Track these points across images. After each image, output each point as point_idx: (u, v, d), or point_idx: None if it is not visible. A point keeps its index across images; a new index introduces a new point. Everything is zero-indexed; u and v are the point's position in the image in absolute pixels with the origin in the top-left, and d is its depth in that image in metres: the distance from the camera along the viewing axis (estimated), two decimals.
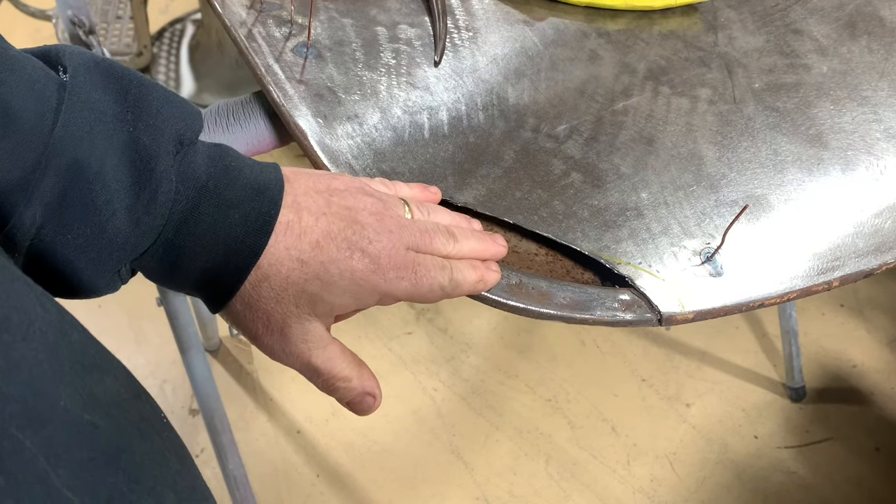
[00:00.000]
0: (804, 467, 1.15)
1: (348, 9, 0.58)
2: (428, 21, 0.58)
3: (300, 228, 0.39)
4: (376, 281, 0.40)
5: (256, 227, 0.38)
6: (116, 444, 0.29)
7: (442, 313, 1.30)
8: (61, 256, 0.35)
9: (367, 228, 0.40)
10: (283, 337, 0.39)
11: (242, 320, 0.40)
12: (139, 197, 0.35)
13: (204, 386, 0.90)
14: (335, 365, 0.40)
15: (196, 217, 0.37)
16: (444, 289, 0.42)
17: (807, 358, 1.27)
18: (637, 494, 1.11)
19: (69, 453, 0.26)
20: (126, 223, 0.35)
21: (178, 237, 0.37)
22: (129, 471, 0.29)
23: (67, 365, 0.28)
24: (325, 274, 0.39)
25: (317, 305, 0.39)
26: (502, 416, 1.18)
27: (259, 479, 1.09)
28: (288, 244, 0.38)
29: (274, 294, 0.38)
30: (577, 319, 0.45)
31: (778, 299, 0.47)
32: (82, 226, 0.34)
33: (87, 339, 0.31)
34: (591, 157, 0.51)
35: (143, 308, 1.25)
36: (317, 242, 0.39)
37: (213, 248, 0.38)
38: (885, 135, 0.55)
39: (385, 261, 0.40)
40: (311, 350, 0.40)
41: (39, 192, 0.33)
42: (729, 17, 0.62)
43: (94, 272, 0.36)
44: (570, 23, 0.60)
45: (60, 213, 0.34)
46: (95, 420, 0.28)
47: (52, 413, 0.26)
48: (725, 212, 0.49)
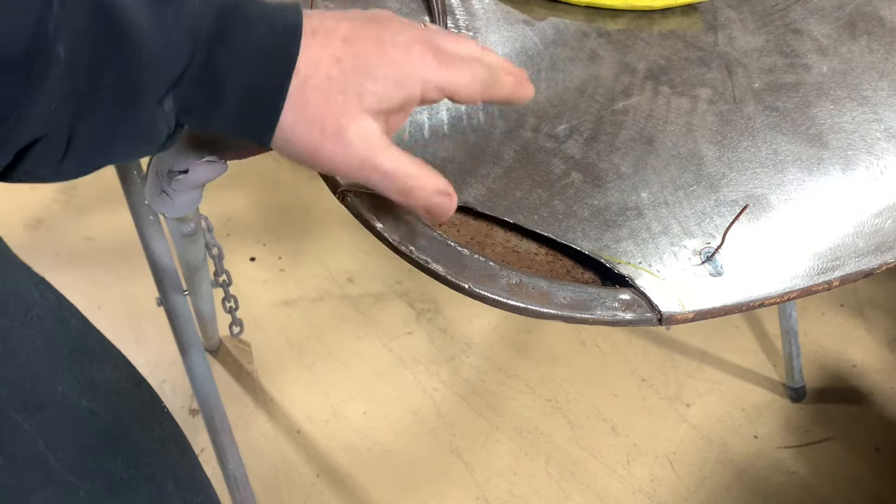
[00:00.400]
0: (804, 467, 1.15)
1: (348, 9, 0.58)
2: (428, 21, 0.58)
3: (326, 30, 0.39)
4: (413, 65, 0.40)
5: (286, 34, 0.38)
6: (115, 430, 0.29)
7: (442, 313, 1.30)
8: (107, 97, 0.34)
9: (390, 24, 0.41)
10: (343, 140, 0.38)
11: (298, 135, 0.39)
12: (164, 13, 0.34)
13: (204, 386, 0.90)
14: (401, 161, 0.40)
15: (225, 33, 0.37)
16: (485, 80, 0.42)
17: (807, 358, 1.27)
18: (637, 494, 1.11)
19: (68, 437, 0.26)
20: (158, 41, 0.34)
21: (211, 56, 0.37)
22: (128, 457, 0.29)
23: (66, 351, 0.28)
24: (362, 65, 0.39)
25: (364, 97, 0.39)
26: (502, 416, 1.18)
27: (259, 479, 1.09)
28: (320, 43, 0.38)
29: (321, 94, 0.38)
30: (578, 319, 0.45)
31: (778, 299, 0.47)
32: (114, 59, 0.33)
33: (86, 326, 0.31)
34: (592, 156, 0.51)
35: (143, 308, 1.25)
36: (345, 39, 0.39)
37: (248, 61, 0.37)
38: (885, 134, 0.55)
39: (418, 47, 0.40)
40: (374, 151, 0.39)
41: (61, 30, 0.31)
42: (729, 17, 0.62)
43: (138, 107, 0.35)
44: (571, 23, 0.60)
45: (89, 50, 0.33)
46: (94, 407, 0.28)
47: (49, 398, 0.26)
48: (725, 211, 0.49)
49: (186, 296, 0.85)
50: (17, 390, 0.25)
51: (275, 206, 1.45)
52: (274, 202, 1.45)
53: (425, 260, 0.45)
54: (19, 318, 0.27)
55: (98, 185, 1.45)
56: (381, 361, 1.23)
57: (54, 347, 0.28)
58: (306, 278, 1.34)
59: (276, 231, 1.40)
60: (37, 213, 1.40)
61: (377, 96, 0.39)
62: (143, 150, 0.38)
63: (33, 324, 0.28)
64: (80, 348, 0.29)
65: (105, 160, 0.36)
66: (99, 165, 0.36)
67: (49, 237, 1.36)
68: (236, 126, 0.39)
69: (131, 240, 0.99)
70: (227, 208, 1.43)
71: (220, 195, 1.44)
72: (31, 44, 0.31)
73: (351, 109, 0.39)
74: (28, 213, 1.40)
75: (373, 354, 1.24)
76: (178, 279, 0.83)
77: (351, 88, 0.39)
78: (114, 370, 0.31)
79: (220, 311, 1.09)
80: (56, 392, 0.27)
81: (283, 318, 1.28)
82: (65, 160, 0.35)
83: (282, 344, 1.25)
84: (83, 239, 1.36)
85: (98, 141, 0.35)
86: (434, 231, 0.46)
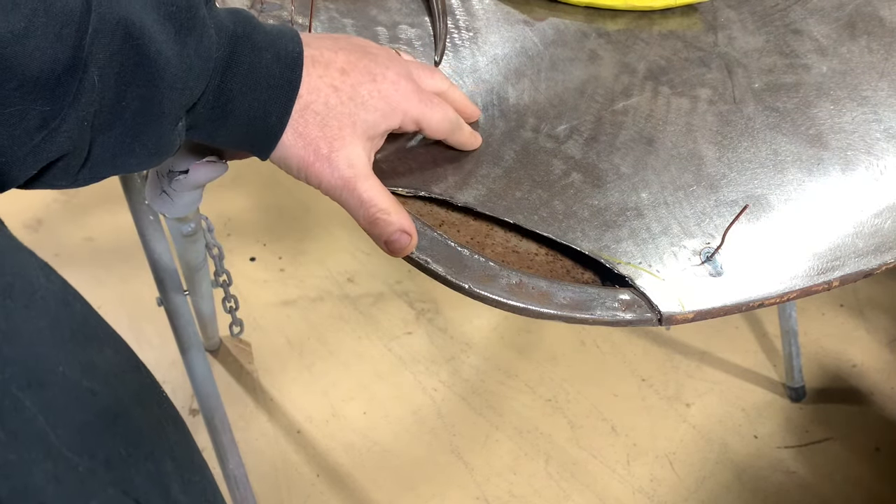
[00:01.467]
0: (804, 467, 1.15)
1: (349, 9, 0.58)
2: (428, 21, 0.58)
3: (324, 60, 0.44)
4: (399, 99, 0.45)
5: (289, 62, 0.42)
6: (114, 410, 0.30)
7: (442, 313, 1.30)
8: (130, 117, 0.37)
9: (378, 59, 0.46)
10: (332, 162, 0.43)
11: (294, 153, 0.43)
12: (186, 42, 0.38)
13: (204, 386, 0.90)
14: (377, 194, 0.44)
15: (236, 61, 0.41)
16: (452, 123, 0.48)
17: (807, 358, 1.27)
18: (637, 494, 1.11)
19: (68, 415, 0.27)
20: (180, 68, 0.38)
21: (224, 82, 0.41)
22: (126, 436, 0.30)
23: (68, 333, 0.29)
24: (356, 95, 0.44)
25: (356, 125, 0.44)
26: (502, 416, 1.18)
27: (259, 479, 1.09)
28: (319, 73, 0.43)
29: (319, 119, 0.43)
30: (578, 319, 0.45)
31: (778, 299, 0.47)
32: (140, 84, 0.36)
33: (88, 310, 0.32)
34: (591, 157, 0.51)
35: (143, 308, 1.25)
36: (342, 69, 0.44)
37: (257, 87, 0.41)
38: (885, 135, 0.55)
39: (404, 83, 0.45)
40: (357, 177, 0.43)
41: (95, 56, 0.34)
42: (729, 17, 0.62)
43: (157, 125, 0.38)
44: (570, 23, 0.60)
45: (117, 75, 0.35)
46: (94, 387, 0.29)
47: (51, 377, 0.27)
48: (725, 212, 0.49)
49: (186, 296, 0.85)
50: (21, 369, 0.26)
51: (275, 206, 1.45)
52: (274, 202, 1.45)
53: (425, 260, 0.45)
54: (24, 300, 0.28)
55: (98, 185, 1.45)
56: (381, 361, 1.23)
57: (57, 329, 0.29)
58: (306, 278, 1.34)
59: (276, 231, 1.40)
60: (37, 213, 1.40)
61: (367, 124, 0.44)
62: (155, 161, 0.41)
63: (37, 306, 0.29)
64: (82, 331, 0.30)
65: (118, 171, 0.39)
66: (111, 175, 0.39)
67: (49, 237, 1.36)
68: (240, 143, 0.43)
69: (131, 240, 0.99)
70: (227, 208, 1.43)
71: (220, 195, 1.44)
72: (68, 66, 0.33)
73: (344, 135, 0.43)
74: (28, 214, 1.40)
75: (373, 354, 1.24)
76: (179, 279, 0.83)
77: (346, 116, 0.43)
78: (115, 353, 0.32)
79: (220, 311, 1.09)
80: (57, 372, 0.28)
81: (283, 318, 1.28)
82: (81, 172, 0.37)
83: (282, 344, 1.25)
84: (83, 239, 1.36)
85: (115, 156, 0.38)
86: (434, 231, 0.46)
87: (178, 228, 0.80)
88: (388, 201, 0.44)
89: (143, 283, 1.28)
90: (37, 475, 0.25)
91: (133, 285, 1.29)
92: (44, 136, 0.33)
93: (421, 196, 0.48)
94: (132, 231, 0.82)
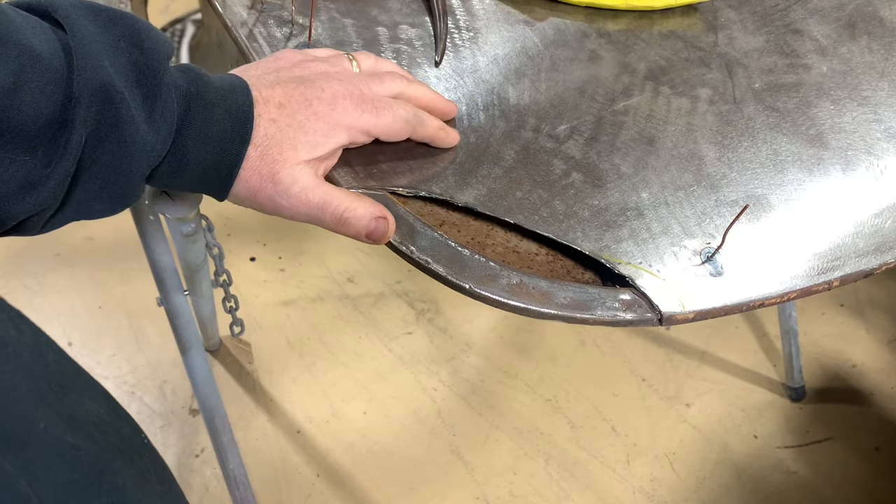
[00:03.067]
0: (804, 467, 1.15)
1: (349, 9, 0.58)
2: (429, 21, 0.58)
3: (263, 99, 0.45)
4: (338, 116, 0.45)
5: (240, 116, 0.43)
6: (99, 466, 0.29)
7: (442, 313, 1.30)
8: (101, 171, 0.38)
9: (317, 82, 0.46)
10: (277, 184, 0.44)
11: (243, 188, 0.44)
12: (154, 108, 0.39)
13: (204, 386, 0.90)
14: (333, 197, 0.45)
15: (190, 119, 0.42)
16: (409, 121, 0.48)
17: (807, 358, 1.27)
18: (637, 494, 1.11)
19: (51, 476, 0.26)
20: (149, 133, 0.39)
21: (179, 138, 0.42)
22: (112, 493, 0.29)
23: (45, 386, 0.28)
24: (295, 123, 0.45)
25: (297, 148, 0.44)
26: (502, 416, 1.18)
27: (259, 479, 1.09)
28: (258, 112, 0.44)
29: (259, 150, 0.44)
30: (578, 319, 0.45)
31: (778, 299, 0.47)
32: (113, 144, 0.38)
33: (63, 358, 0.31)
34: (592, 157, 0.51)
35: (143, 308, 1.25)
36: (280, 104, 0.45)
37: (209, 142, 0.42)
38: (885, 135, 0.55)
39: (341, 100, 0.46)
40: (306, 191, 0.44)
41: (80, 117, 0.36)
42: (729, 18, 0.62)
43: (126, 179, 0.40)
44: (571, 23, 0.60)
45: (95, 133, 0.37)
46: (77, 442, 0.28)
47: (31, 436, 0.26)
48: (726, 212, 0.49)
49: (187, 296, 0.85)
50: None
51: None
52: None
53: (426, 260, 0.45)
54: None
55: None
56: (381, 361, 1.23)
57: (33, 383, 0.28)
58: (306, 278, 1.34)
59: (276, 231, 1.40)
60: None
61: (309, 145, 0.45)
62: (118, 209, 0.42)
63: (10, 360, 0.28)
64: (59, 382, 0.30)
65: (80, 217, 0.40)
66: (72, 221, 0.41)
67: (49, 237, 1.36)
68: (196, 189, 0.45)
69: (131, 240, 0.99)
70: (227, 208, 1.43)
71: None
72: (57, 121, 0.35)
73: (286, 159, 0.44)
74: None
75: (373, 354, 1.24)
76: (179, 279, 0.83)
77: (286, 142, 0.44)
78: (93, 402, 0.31)
79: (220, 311, 1.09)
80: (38, 429, 0.27)
81: (283, 318, 1.28)
82: (49, 222, 0.39)
83: (282, 344, 1.25)
84: (83, 239, 1.36)
85: (83, 207, 0.39)
86: (435, 231, 0.46)
87: (178, 228, 0.80)
88: (348, 198, 0.45)
89: (143, 283, 1.28)
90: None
91: (133, 285, 1.29)
92: (29, 191, 0.35)
93: (421, 196, 0.48)
94: (132, 231, 0.82)
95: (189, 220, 0.78)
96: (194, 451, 1.12)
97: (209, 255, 0.91)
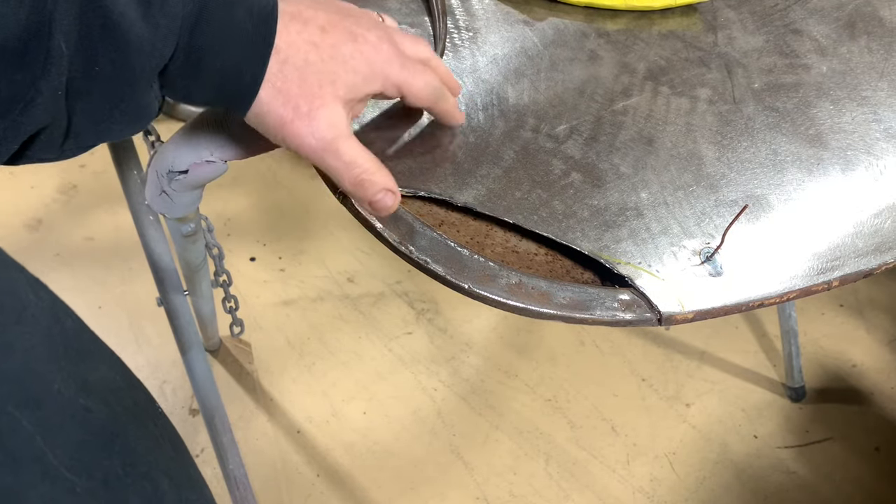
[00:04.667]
0: (804, 467, 1.15)
1: None
2: (428, 21, 0.58)
3: (303, 17, 0.42)
4: (381, 63, 0.44)
5: (262, 17, 0.40)
6: (111, 428, 0.29)
7: (442, 313, 1.30)
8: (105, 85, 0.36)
9: (361, 21, 0.44)
10: (313, 121, 0.42)
11: (272, 109, 0.41)
12: (150, 2, 0.36)
13: (204, 386, 0.90)
14: (360, 154, 0.43)
15: (206, 17, 0.39)
16: (436, 91, 0.47)
17: (806, 358, 1.27)
18: (637, 494, 1.11)
19: (65, 434, 0.27)
20: (146, 29, 0.36)
21: (193, 39, 0.39)
22: (123, 455, 0.29)
23: (61, 350, 0.29)
24: (337, 54, 0.42)
25: (336, 84, 0.42)
26: (502, 416, 1.18)
27: (259, 479, 1.09)
28: (298, 29, 0.42)
29: (298, 75, 0.41)
30: (577, 319, 0.45)
31: (778, 299, 0.47)
32: (108, 48, 0.35)
33: (80, 326, 0.31)
34: (591, 156, 0.51)
35: (143, 308, 1.25)
36: (322, 28, 0.42)
37: (229, 43, 0.39)
38: (884, 135, 0.55)
39: (386, 47, 0.44)
40: (339, 138, 0.42)
41: (57, 23, 0.33)
42: (728, 17, 0.62)
43: (132, 89, 0.37)
44: (570, 23, 0.60)
45: (83, 39, 0.35)
46: (90, 405, 0.28)
47: (47, 395, 0.27)
48: (725, 212, 0.49)
49: (186, 296, 0.85)
50: (17, 387, 0.26)
51: (275, 206, 1.45)
52: (274, 202, 1.45)
53: (425, 260, 0.45)
54: (14, 317, 0.27)
55: (98, 185, 1.45)
56: (381, 361, 1.23)
57: (50, 346, 0.28)
58: (306, 278, 1.34)
59: (276, 231, 1.40)
60: (37, 213, 1.40)
61: (347, 86, 0.43)
62: (139, 126, 0.40)
63: (29, 322, 0.28)
64: (75, 347, 0.30)
65: (103, 139, 0.38)
66: (98, 143, 0.39)
67: (49, 237, 1.36)
68: (215, 101, 0.42)
69: (131, 240, 0.99)
70: (227, 208, 1.43)
71: (220, 195, 1.44)
72: (32, 31, 0.32)
73: (325, 94, 0.42)
74: (28, 213, 1.40)
75: (373, 354, 1.24)
76: (179, 279, 0.83)
77: (326, 75, 0.42)
78: (109, 369, 0.31)
79: (220, 311, 1.09)
80: (53, 389, 0.27)
81: (283, 318, 1.28)
82: (66, 142, 0.37)
83: (282, 344, 1.25)
84: (83, 239, 1.36)
85: (97, 123, 0.37)
86: (434, 231, 0.46)
87: (178, 228, 0.80)
88: (371, 161, 0.43)
89: (143, 283, 1.28)
90: (33, 500, 0.25)
91: (133, 285, 1.29)
92: (20, 109, 0.33)
93: (421, 196, 0.48)
94: (132, 231, 0.82)
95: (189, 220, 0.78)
96: (194, 451, 1.12)
97: (209, 255, 0.91)
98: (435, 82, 0.47)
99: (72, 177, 1.47)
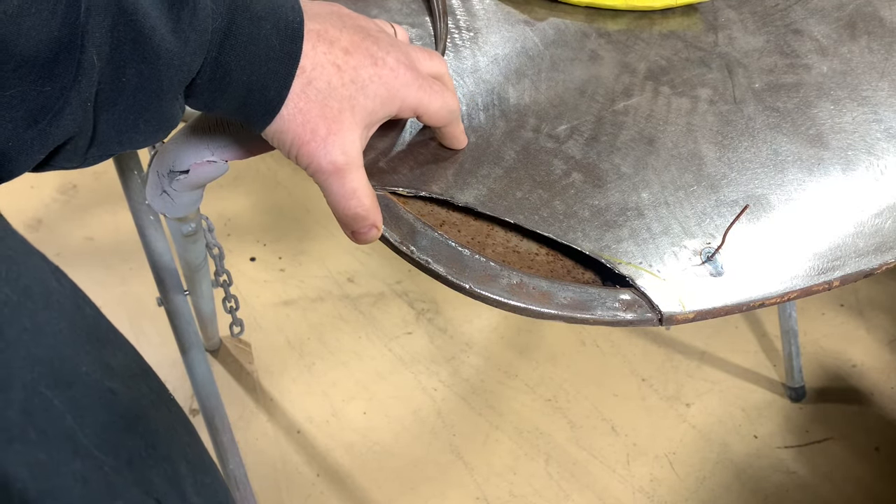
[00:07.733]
0: (804, 467, 1.15)
1: (349, 8, 0.58)
2: (429, 21, 0.58)
3: (329, 37, 0.42)
4: (398, 86, 0.44)
5: (288, 34, 0.41)
6: (135, 411, 0.30)
7: (442, 313, 1.30)
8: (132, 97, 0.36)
9: (380, 42, 0.44)
10: (327, 145, 0.42)
11: (291, 129, 0.42)
12: (181, 17, 0.37)
13: (204, 386, 0.90)
14: (363, 186, 0.43)
15: (234, 32, 0.39)
16: (452, 113, 0.47)
17: (807, 358, 1.27)
18: (637, 494, 1.11)
19: (93, 414, 0.28)
20: (176, 44, 0.37)
21: (222, 54, 0.39)
22: (146, 437, 0.30)
23: (84, 336, 0.30)
24: (358, 78, 0.43)
25: (355, 111, 0.43)
26: (502, 416, 1.18)
27: (259, 479, 1.09)
28: (324, 50, 0.42)
29: (320, 97, 0.42)
30: (578, 319, 0.45)
31: (778, 299, 0.47)
32: (138, 61, 0.36)
33: (98, 314, 0.32)
34: (592, 157, 0.51)
35: (143, 308, 1.25)
36: (346, 50, 0.43)
37: (256, 59, 0.40)
38: (885, 135, 0.55)
39: (403, 69, 0.44)
40: (348, 164, 0.42)
41: (89, 35, 0.33)
42: (729, 18, 0.62)
43: (159, 101, 0.38)
44: (571, 23, 0.60)
45: (114, 52, 0.35)
46: (114, 387, 0.29)
47: (75, 377, 0.28)
48: (726, 212, 0.49)
49: (187, 296, 0.85)
50: (48, 368, 0.27)
51: (275, 206, 1.45)
52: (274, 202, 1.45)
53: (426, 260, 0.45)
54: (43, 302, 0.28)
55: (98, 185, 1.45)
56: (381, 361, 1.23)
57: (75, 331, 0.29)
58: (306, 278, 1.34)
59: (276, 231, 1.40)
60: (37, 213, 1.40)
61: (366, 111, 0.43)
62: (161, 135, 0.40)
63: (55, 307, 0.29)
64: (95, 334, 0.31)
65: (126, 148, 0.39)
66: (120, 151, 0.39)
67: (49, 237, 1.36)
68: (236, 114, 0.42)
69: (131, 240, 0.99)
70: (227, 208, 1.43)
71: (220, 195, 1.44)
72: (64, 44, 0.33)
73: (343, 119, 0.42)
74: (28, 213, 1.40)
75: (373, 354, 1.24)
76: (179, 279, 0.83)
77: (346, 100, 0.42)
78: (125, 356, 0.33)
79: (220, 311, 1.09)
80: (81, 371, 0.28)
81: (283, 318, 1.28)
82: (89, 151, 0.37)
83: (282, 344, 1.25)
84: (83, 239, 1.36)
85: (121, 133, 0.37)
86: (435, 231, 0.46)
87: (178, 228, 0.80)
88: (371, 197, 0.44)
89: (143, 283, 1.28)
90: (65, 475, 0.26)
91: (133, 285, 1.29)
92: (48, 119, 0.33)
93: (421, 196, 0.48)
94: (132, 231, 0.82)
95: (189, 220, 0.78)
96: None
97: (209, 255, 0.91)
98: (451, 104, 0.47)
99: (72, 177, 1.47)
